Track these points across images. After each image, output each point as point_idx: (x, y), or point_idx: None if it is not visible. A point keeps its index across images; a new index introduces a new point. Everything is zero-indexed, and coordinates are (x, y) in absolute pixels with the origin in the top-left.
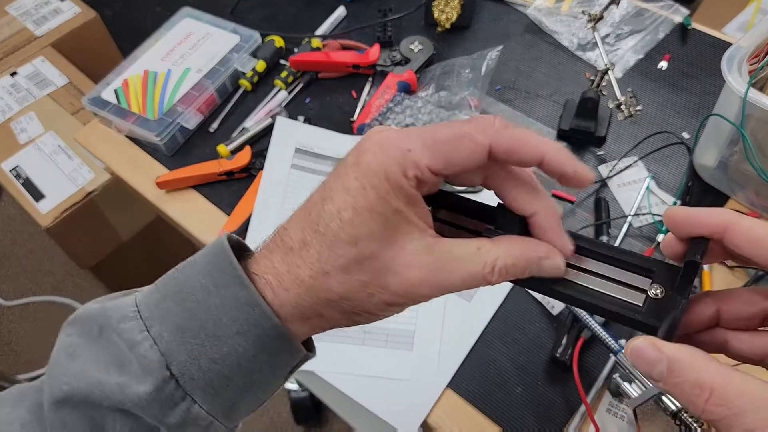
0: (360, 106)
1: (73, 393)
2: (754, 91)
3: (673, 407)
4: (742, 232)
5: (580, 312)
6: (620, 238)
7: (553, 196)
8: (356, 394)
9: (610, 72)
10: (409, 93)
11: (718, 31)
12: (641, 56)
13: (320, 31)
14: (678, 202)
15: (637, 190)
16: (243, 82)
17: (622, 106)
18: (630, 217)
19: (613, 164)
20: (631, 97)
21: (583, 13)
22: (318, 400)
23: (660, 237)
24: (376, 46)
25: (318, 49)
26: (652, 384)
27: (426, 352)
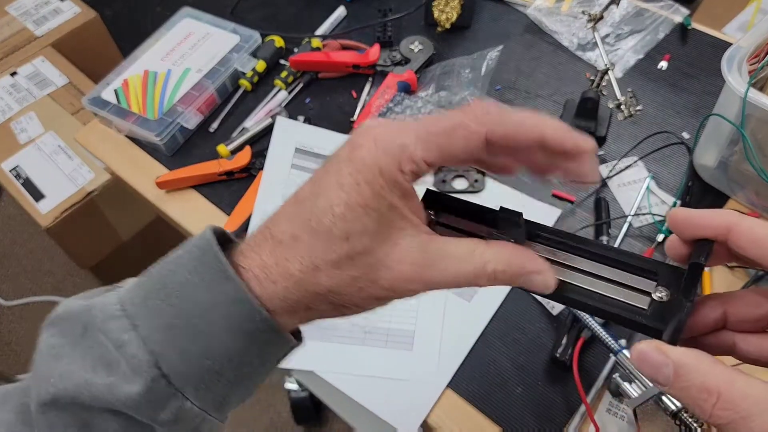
0: (360, 106)
1: (60, 395)
2: (754, 91)
3: (673, 407)
4: (744, 234)
5: (580, 312)
6: (620, 238)
7: (553, 196)
8: (356, 394)
9: (610, 72)
10: (409, 93)
11: (718, 31)
12: (641, 56)
13: (320, 31)
14: (678, 202)
15: (637, 190)
16: (243, 82)
17: (622, 106)
18: (630, 217)
19: (613, 164)
20: (631, 97)
21: (583, 13)
22: (318, 400)
23: (660, 237)
24: (376, 46)
25: (318, 49)
26: (658, 388)
27: (426, 352)
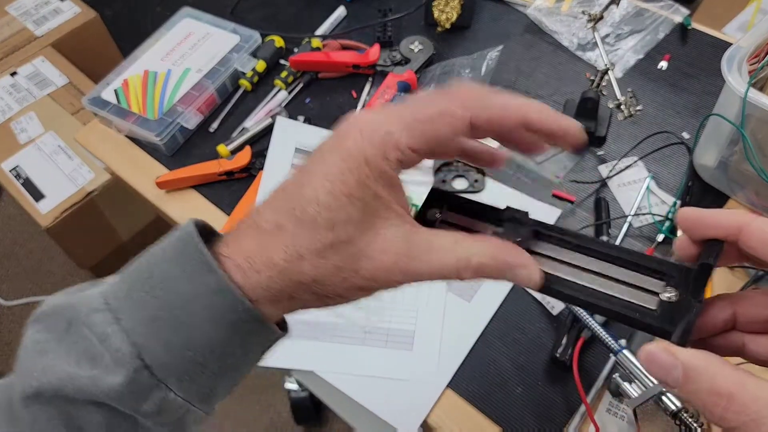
0: (360, 106)
1: (43, 388)
2: (754, 91)
3: (673, 407)
4: (755, 234)
5: (580, 312)
6: (620, 238)
7: (553, 196)
8: (356, 394)
9: (610, 72)
10: (409, 93)
11: (718, 31)
12: (641, 56)
13: (320, 31)
14: (678, 202)
15: (637, 190)
16: (243, 82)
17: (622, 106)
18: (630, 217)
19: (613, 164)
20: (631, 97)
21: (583, 13)
22: (318, 400)
23: (660, 237)
24: (376, 46)
25: (318, 49)
26: (667, 390)
27: (426, 352)
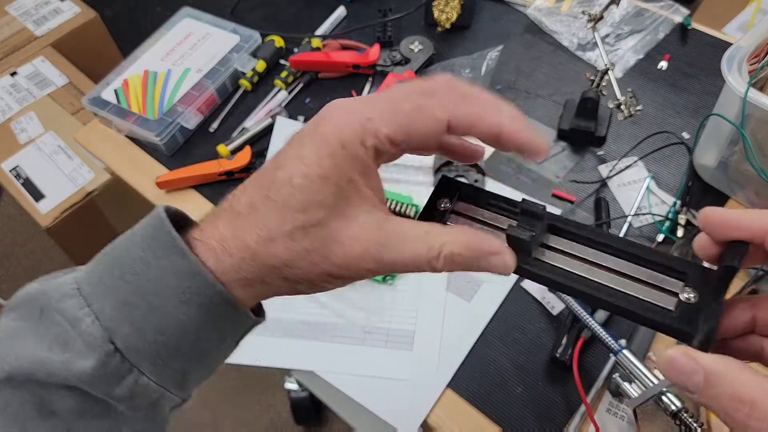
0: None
1: (15, 372)
2: (754, 91)
3: (673, 407)
4: None
5: (580, 312)
6: None
7: (553, 196)
8: (356, 394)
9: (610, 72)
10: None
11: (718, 31)
12: (641, 56)
13: (320, 31)
14: (678, 202)
15: (637, 190)
16: (243, 82)
17: (622, 106)
18: (630, 217)
19: (613, 164)
20: (631, 97)
21: (583, 13)
22: (318, 400)
23: (660, 237)
24: (376, 46)
25: (318, 49)
26: (688, 396)
27: (426, 352)
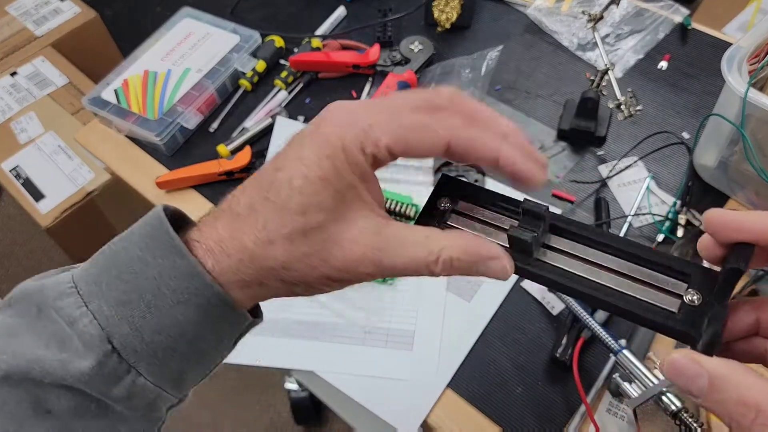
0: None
1: (12, 371)
2: (754, 91)
3: (673, 407)
4: None
5: (580, 312)
6: None
7: (553, 196)
8: (356, 394)
9: (610, 72)
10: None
11: (718, 31)
12: (641, 56)
13: (320, 31)
14: (678, 202)
15: (637, 190)
16: (243, 82)
17: (622, 106)
18: (630, 217)
19: (613, 164)
20: (631, 97)
21: (583, 13)
22: (318, 400)
23: (660, 237)
24: (376, 46)
25: (318, 49)
26: (692, 400)
27: (426, 352)
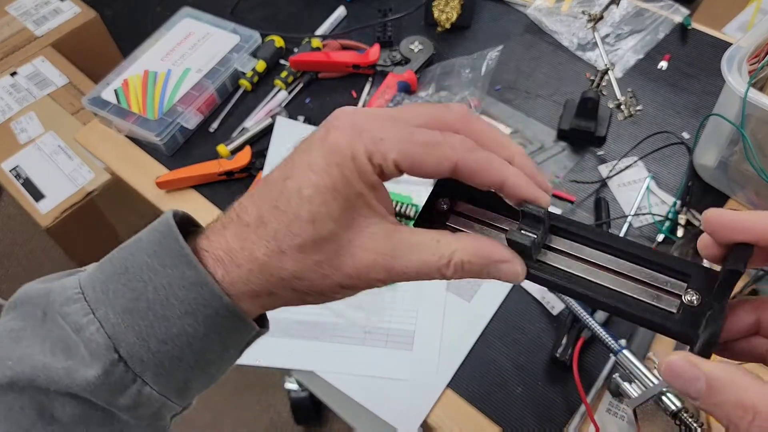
0: (360, 106)
1: (17, 378)
2: (754, 91)
3: (673, 407)
4: None
5: (580, 312)
6: None
7: (553, 196)
8: (356, 394)
9: (610, 72)
10: (409, 93)
11: (718, 31)
12: (641, 56)
13: (320, 31)
14: (678, 202)
15: (637, 190)
16: (243, 82)
17: (622, 106)
18: (630, 217)
19: (613, 164)
20: (631, 97)
21: (583, 13)
22: (318, 400)
23: (660, 237)
24: (376, 46)
25: (318, 49)
26: (690, 401)
27: (426, 352)
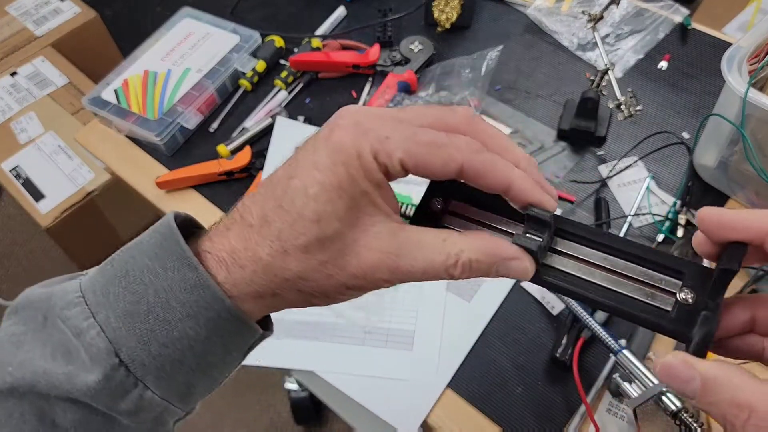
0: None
1: (17, 383)
2: (754, 91)
3: (673, 407)
4: None
5: (580, 312)
6: None
7: None
8: (356, 394)
9: (610, 72)
10: (409, 93)
11: (718, 31)
12: (641, 56)
13: (320, 31)
14: (678, 202)
15: (637, 190)
16: (243, 82)
17: (622, 106)
18: (630, 217)
19: (613, 164)
20: (631, 97)
21: (583, 13)
22: (318, 400)
23: (660, 237)
24: (376, 46)
25: (318, 49)
26: (687, 400)
27: (426, 352)
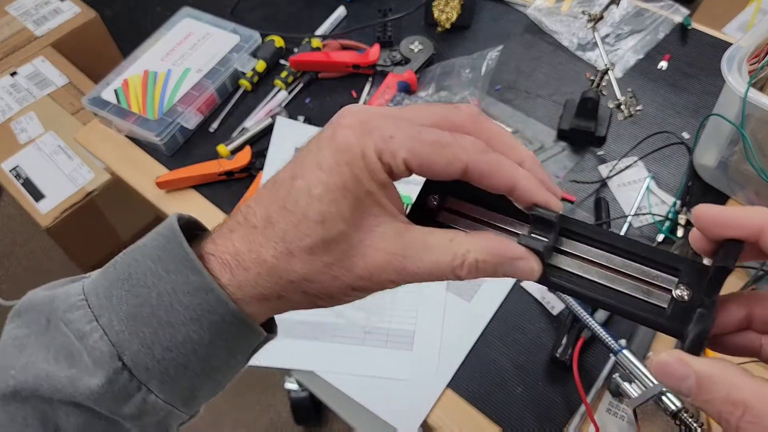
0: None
1: (20, 387)
2: (754, 91)
3: (673, 407)
4: None
5: (580, 311)
6: None
7: None
8: (356, 394)
9: (610, 72)
10: (409, 93)
11: (718, 31)
12: (641, 56)
13: (320, 31)
14: (678, 202)
15: (637, 190)
16: (243, 82)
17: (622, 106)
18: (630, 217)
19: (613, 164)
20: (631, 97)
21: (583, 13)
22: (318, 400)
23: (660, 237)
24: (376, 46)
25: (318, 49)
26: (684, 399)
27: (426, 352)
